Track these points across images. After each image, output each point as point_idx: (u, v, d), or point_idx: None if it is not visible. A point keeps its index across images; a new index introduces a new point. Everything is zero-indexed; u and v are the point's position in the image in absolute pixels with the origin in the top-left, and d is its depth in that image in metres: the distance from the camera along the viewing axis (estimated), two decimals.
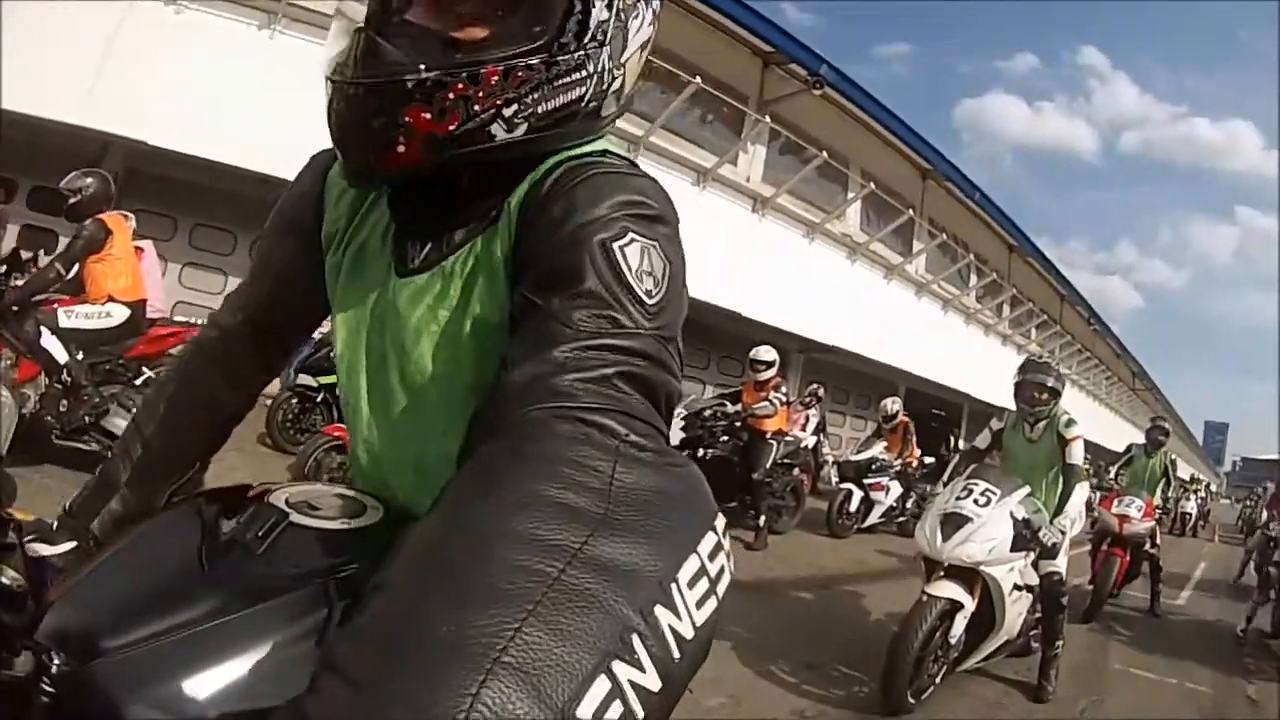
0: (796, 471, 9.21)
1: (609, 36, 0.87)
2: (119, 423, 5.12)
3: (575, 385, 0.66)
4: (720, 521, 0.65)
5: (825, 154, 14.04)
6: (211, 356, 1.20)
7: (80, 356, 5.24)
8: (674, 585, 0.57)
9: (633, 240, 0.77)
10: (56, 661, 0.69)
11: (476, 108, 0.81)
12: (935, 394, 19.61)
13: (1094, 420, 25.85)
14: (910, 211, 16.20)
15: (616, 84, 0.91)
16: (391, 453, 1.00)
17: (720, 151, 13.62)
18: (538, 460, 0.58)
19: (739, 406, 8.45)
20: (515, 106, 0.83)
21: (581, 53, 0.85)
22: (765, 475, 8.12)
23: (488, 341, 0.87)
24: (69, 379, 5.11)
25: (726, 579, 0.63)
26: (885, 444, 10.71)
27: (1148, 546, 7.85)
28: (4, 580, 0.72)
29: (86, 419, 5.14)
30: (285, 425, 7.66)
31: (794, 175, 14.35)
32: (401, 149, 0.82)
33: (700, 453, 8.00)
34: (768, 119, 13.64)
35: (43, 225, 9.67)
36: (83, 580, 0.83)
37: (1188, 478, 24.74)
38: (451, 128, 0.81)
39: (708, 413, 8.39)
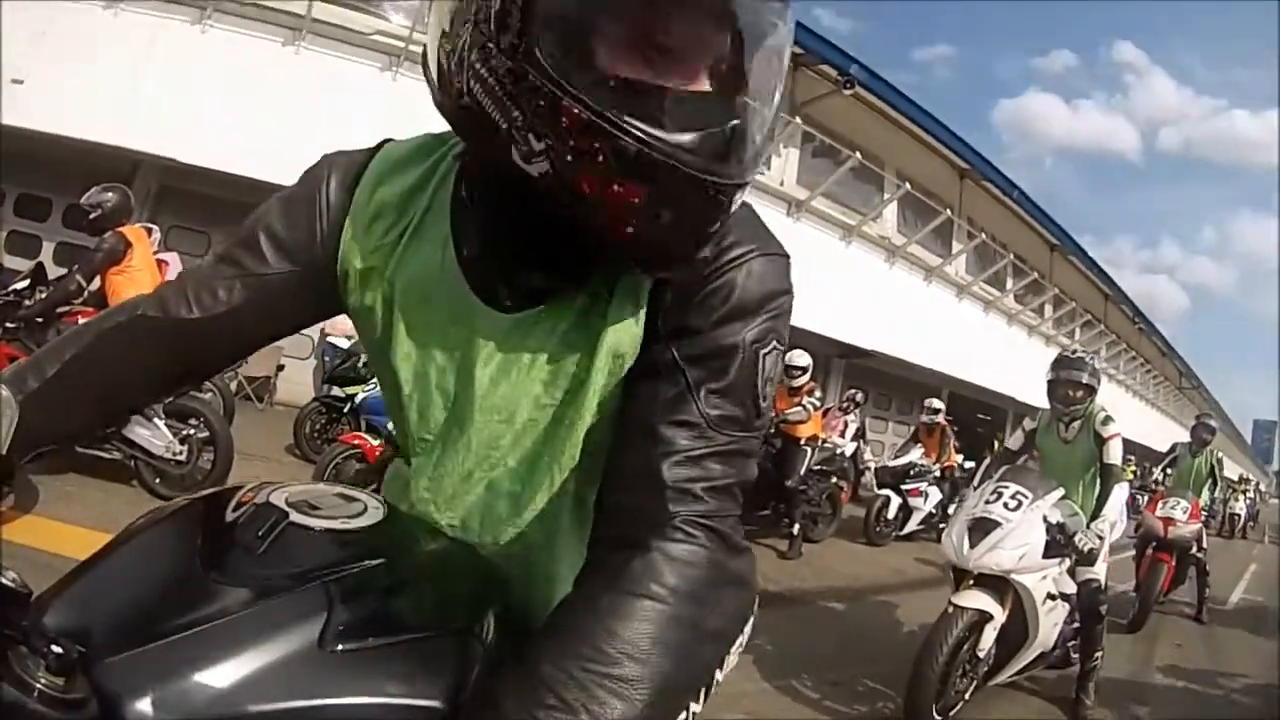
0: (834, 479, 9.00)
1: None
2: (140, 432, 5.18)
3: (709, 494, 0.82)
4: (756, 601, 0.94)
5: (859, 155, 13.87)
6: (135, 337, 1.01)
7: None
8: (729, 652, 0.89)
9: (773, 348, 0.88)
10: (55, 661, 0.67)
11: None
12: (979, 398, 19.32)
13: (1141, 421, 25.39)
14: (948, 212, 15.93)
15: None
16: (472, 495, 1.01)
17: None
18: (684, 564, 0.79)
19: (771, 413, 8.25)
20: None
21: None
22: (799, 482, 7.92)
23: (619, 368, 0.91)
24: None
25: (746, 640, 0.96)
26: (923, 449, 10.49)
27: (1194, 550, 7.55)
28: (4, 580, 0.70)
29: (108, 428, 5.14)
30: (313, 436, 7.78)
31: (828, 178, 14.17)
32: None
33: None
34: (799, 121, 13.49)
35: (77, 242, 9.82)
36: (82, 580, 0.81)
37: (1236, 478, 24.10)
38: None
39: None
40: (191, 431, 5.33)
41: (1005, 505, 4.00)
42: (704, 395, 0.84)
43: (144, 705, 0.69)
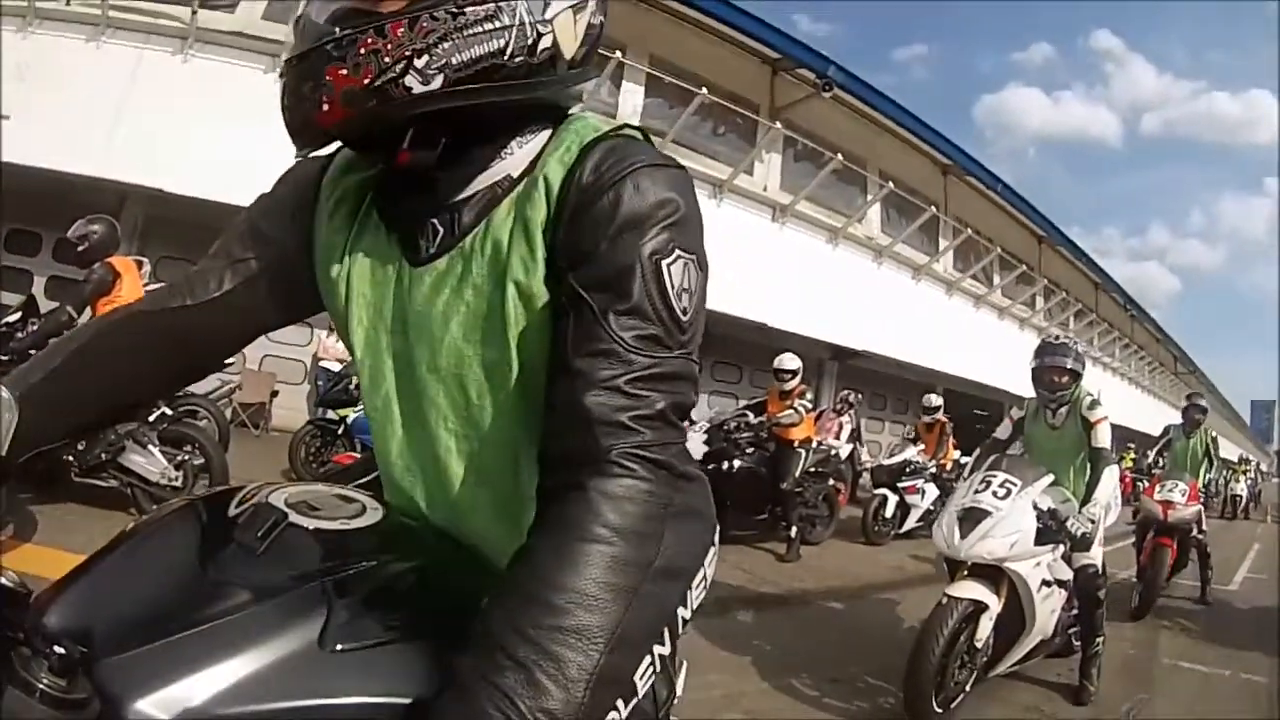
0: (830, 481, 9.01)
1: None
2: (136, 459, 5.26)
3: (640, 423, 0.82)
4: (717, 530, 1.01)
5: (840, 156, 13.94)
6: (135, 331, 1.09)
7: None
8: (689, 589, 0.97)
9: (677, 257, 0.87)
10: (57, 662, 0.68)
11: (387, 59, 0.85)
12: (976, 394, 19.31)
13: (1137, 407, 25.40)
14: (933, 209, 15.98)
15: (545, 41, 0.92)
16: (431, 456, 1.00)
17: (735, 163, 13.59)
18: (623, 501, 0.78)
19: (763, 417, 8.27)
20: (426, 58, 0.86)
21: (491, 4, 0.88)
22: (794, 485, 7.91)
23: (530, 308, 0.91)
24: None
25: (712, 574, 1.03)
26: (922, 446, 10.51)
27: (1195, 532, 7.45)
28: (4, 580, 0.72)
29: (103, 456, 5.22)
30: (308, 459, 7.80)
31: (811, 181, 14.25)
32: (326, 107, 0.87)
33: (726, 465, 7.84)
34: (779, 125, 13.56)
35: (68, 276, 9.83)
36: (83, 580, 0.83)
37: (1236, 459, 24.10)
38: (366, 81, 0.86)
39: (731, 424, 8.25)
40: (187, 458, 5.39)
41: (994, 494, 4.00)
42: (613, 319, 0.84)
43: (145, 705, 0.70)
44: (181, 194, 9.56)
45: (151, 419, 5.39)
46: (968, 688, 3.92)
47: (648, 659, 0.84)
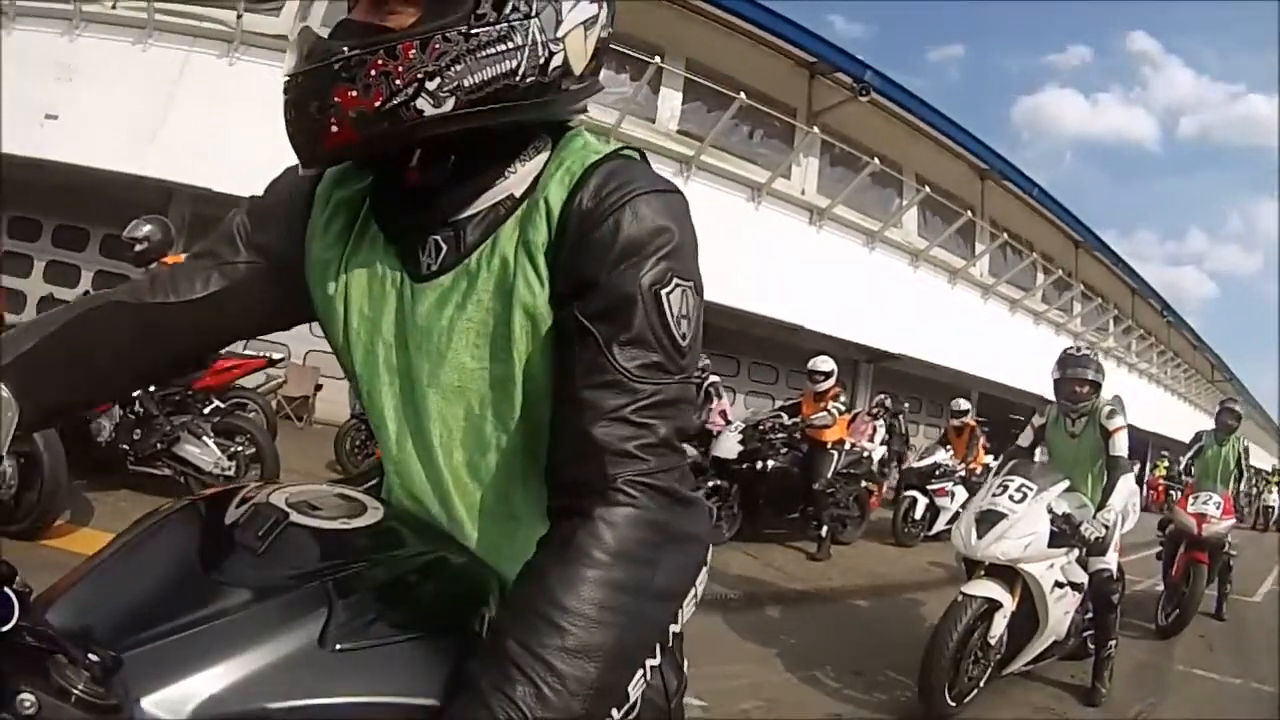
0: (862, 482, 9.10)
1: (535, 9, 0.90)
2: (190, 449, 5.46)
3: (645, 450, 0.87)
4: (710, 550, 0.99)
5: (878, 160, 13.96)
6: (114, 319, 1.08)
7: (151, 389, 5.45)
8: (681, 608, 0.95)
9: (675, 285, 0.90)
10: (57, 661, 0.68)
11: (398, 82, 0.85)
12: (1010, 399, 19.17)
13: (1173, 414, 24.93)
14: (969, 213, 15.92)
15: (557, 60, 0.93)
16: (432, 468, 1.02)
17: (773, 166, 13.64)
18: (624, 528, 0.84)
19: (798, 418, 8.35)
20: (438, 80, 0.86)
21: (504, 24, 0.88)
22: (826, 485, 8.01)
23: (536, 327, 0.94)
24: (141, 410, 5.41)
25: (702, 591, 1.02)
26: (952, 449, 10.54)
27: (1226, 547, 7.25)
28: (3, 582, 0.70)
29: (158, 446, 5.42)
30: (353, 452, 7.91)
31: (848, 185, 14.29)
32: (335, 129, 0.87)
33: (759, 465, 7.92)
34: (817, 130, 13.61)
35: (115, 271, 10.20)
36: (84, 580, 0.83)
37: (1270, 469, 23.47)
38: (377, 104, 0.85)
39: (765, 425, 8.33)
40: (239, 449, 5.59)
41: (1010, 497, 4.13)
42: (617, 350, 0.87)
43: (145, 705, 0.71)
44: (229, 193, 9.83)
45: (206, 411, 5.62)
46: (981, 683, 4.05)
47: (640, 671, 0.88)
